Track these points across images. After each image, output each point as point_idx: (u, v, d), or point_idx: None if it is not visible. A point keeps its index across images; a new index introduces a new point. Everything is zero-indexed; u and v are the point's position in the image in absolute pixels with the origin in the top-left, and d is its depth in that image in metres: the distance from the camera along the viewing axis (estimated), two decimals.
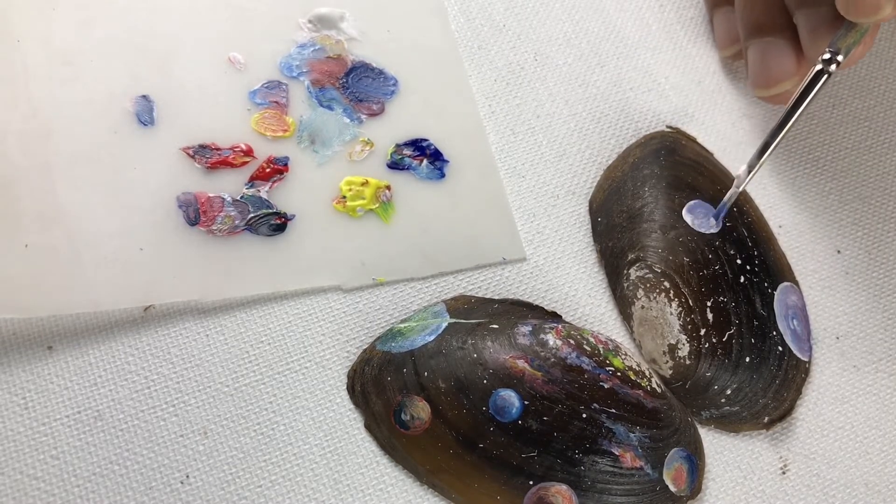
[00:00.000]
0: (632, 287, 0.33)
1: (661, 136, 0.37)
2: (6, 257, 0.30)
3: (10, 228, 0.30)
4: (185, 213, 0.32)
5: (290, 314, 0.32)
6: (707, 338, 0.32)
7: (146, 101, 0.34)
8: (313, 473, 0.30)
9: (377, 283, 0.33)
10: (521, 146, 0.37)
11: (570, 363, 0.30)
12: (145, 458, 0.29)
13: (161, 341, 0.31)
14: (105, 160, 0.32)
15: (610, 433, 0.29)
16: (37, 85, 0.33)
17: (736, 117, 0.39)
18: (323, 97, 0.35)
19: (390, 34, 0.37)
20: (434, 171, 0.35)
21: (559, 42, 0.39)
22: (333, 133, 0.35)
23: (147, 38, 0.35)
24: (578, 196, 0.36)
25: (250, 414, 0.30)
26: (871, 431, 0.33)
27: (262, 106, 0.35)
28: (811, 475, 0.32)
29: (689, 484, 0.30)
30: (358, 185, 0.34)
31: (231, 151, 0.34)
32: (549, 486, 0.29)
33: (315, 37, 0.37)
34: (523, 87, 0.38)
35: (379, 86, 0.36)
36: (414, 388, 0.30)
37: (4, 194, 0.31)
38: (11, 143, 0.32)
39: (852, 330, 0.35)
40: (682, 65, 0.40)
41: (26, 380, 0.30)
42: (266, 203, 0.33)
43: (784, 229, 0.37)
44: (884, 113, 0.40)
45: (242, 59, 0.35)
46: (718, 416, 0.32)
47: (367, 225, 0.34)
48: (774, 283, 0.34)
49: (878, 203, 0.38)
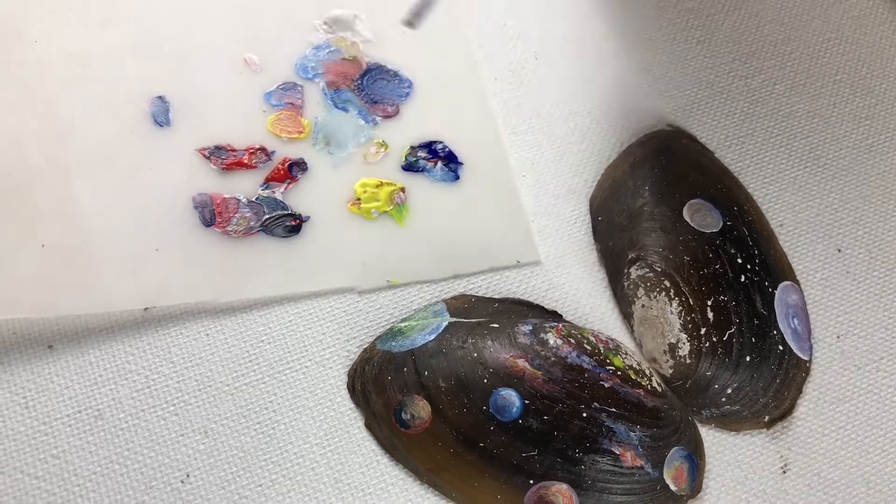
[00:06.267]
0: (632, 286, 0.33)
1: (662, 135, 0.37)
2: (23, 257, 0.30)
3: (26, 228, 0.31)
4: (200, 214, 0.32)
5: (291, 313, 0.32)
6: (707, 337, 0.32)
7: (162, 102, 0.34)
8: (314, 472, 0.30)
9: (391, 285, 0.33)
10: (522, 145, 0.37)
11: (570, 362, 0.30)
12: (146, 458, 0.29)
13: (161, 341, 0.31)
14: (121, 161, 0.33)
15: (610, 432, 0.29)
16: (54, 86, 0.33)
17: (736, 116, 0.39)
18: (338, 99, 0.36)
19: (405, 36, 0.37)
20: (448, 174, 0.35)
21: (559, 41, 0.39)
22: (348, 135, 0.35)
23: (163, 39, 0.35)
24: (579, 195, 0.36)
25: (251, 413, 0.30)
26: (871, 430, 0.33)
27: (278, 107, 0.35)
28: (812, 474, 0.32)
29: (689, 483, 0.30)
30: (372, 186, 0.34)
31: (246, 153, 0.34)
32: (550, 485, 0.29)
33: (330, 38, 0.37)
34: (524, 86, 0.38)
35: (394, 88, 0.36)
36: (414, 388, 0.30)
37: (21, 195, 0.31)
38: (28, 144, 0.32)
39: (853, 329, 0.35)
40: (682, 64, 0.40)
41: (27, 379, 0.30)
42: (281, 204, 0.33)
43: (785, 228, 0.37)
44: (884, 112, 0.40)
45: (258, 60, 0.36)
46: (719, 415, 0.32)
47: (382, 227, 0.34)
48: (775, 282, 0.34)
49: (879, 202, 0.38)
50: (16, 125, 0.32)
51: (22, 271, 0.30)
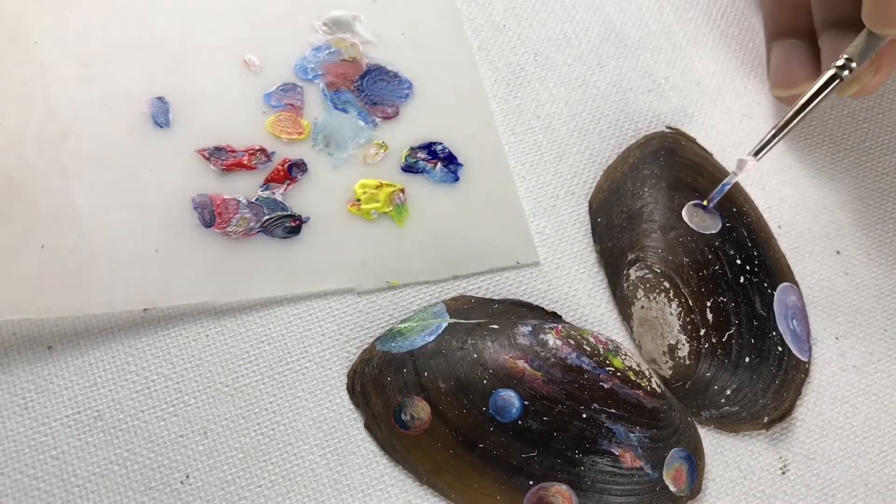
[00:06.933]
0: (632, 287, 0.34)
1: (661, 137, 0.37)
2: (22, 258, 0.30)
3: (26, 229, 0.31)
4: (200, 215, 0.32)
5: (290, 314, 0.32)
6: (707, 338, 0.32)
7: (162, 102, 0.34)
8: (313, 473, 0.30)
9: (391, 286, 0.33)
10: (521, 147, 0.37)
11: (570, 363, 0.30)
12: (145, 459, 0.29)
13: (161, 341, 0.31)
14: (121, 162, 0.33)
15: (610, 433, 0.29)
16: (54, 87, 0.33)
17: (735, 118, 0.39)
18: (338, 100, 0.36)
19: (405, 37, 0.37)
20: (448, 175, 0.35)
21: (559, 42, 0.39)
22: (348, 136, 0.35)
23: (163, 40, 0.35)
24: (578, 196, 0.36)
25: (250, 414, 0.30)
26: (870, 431, 0.33)
27: (277, 108, 0.35)
28: (811, 475, 0.32)
29: (688, 484, 0.30)
30: (372, 188, 0.34)
31: (246, 154, 0.34)
32: (549, 486, 0.29)
33: (330, 39, 0.37)
34: (523, 87, 0.38)
35: (393, 89, 0.36)
36: (414, 389, 0.30)
37: (21, 195, 0.31)
38: (29, 145, 0.32)
39: (852, 330, 0.35)
40: (681, 65, 0.40)
41: (26, 380, 0.30)
42: (281, 205, 0.33)
43: (783, 229, 0.37)
44: (883, 114, 0.40)
45: (258, 61, 0.36)
46: (718, 416, 0.32)
47: (382, 228, 0.34)
48: (774, 284, 0.34)
49: (878, 204, 0.38)
50: (16, 125, 0.32)
51: (21, 272, 0.30)
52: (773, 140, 0.32)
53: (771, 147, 0.32)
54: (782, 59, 0.36)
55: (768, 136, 0.32)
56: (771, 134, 0.32)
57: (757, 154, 0.32)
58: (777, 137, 0.32)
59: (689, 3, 0.41)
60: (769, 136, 0.32)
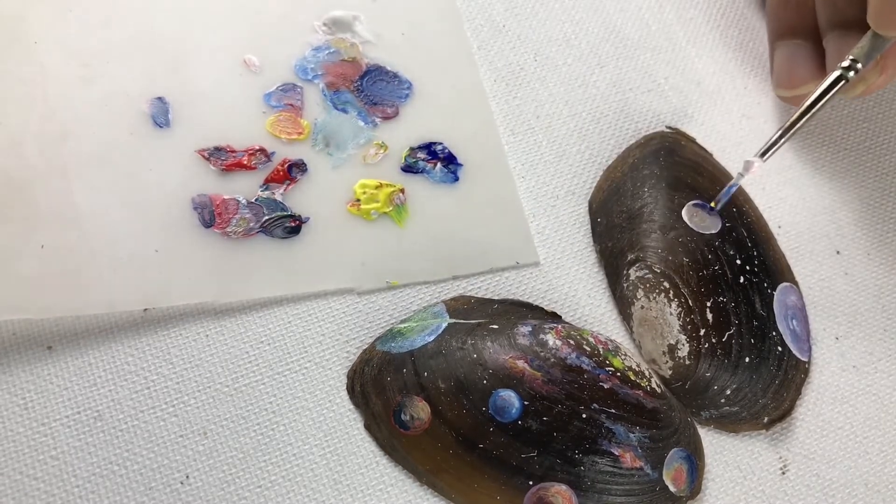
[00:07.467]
0: (631, 287, 0.34)
1: (661, 137, 0.37)
2: (22, 258, 0.30)
3: (26, 229, 0.30)
4: (200, 215, 0.32)
5: (290, 315, 0.32)
6: (707, 338, 0.32)
7: (162, 102, 0.34)
8: (313, 474, 0.30)
9: (391, 286, 0.33)
10: (521, 147, 0.37)
11: (569, 363, 0.30)
12: (145, 459, 0.29)
13: (161, 342, 0.31)
14: (121, 162, 0.33)
15: (610, 433, 0.29)
16: (54, 87, 0.33)
17: (735, 118, 0.39)
18: (338, 100, 0.36)
19: (405, 37, 0.37)
20: (448, 175, 0.35)
21: (559, 42, 0.39)
22: (348, 136, 0.35)
23: (163, 40, 0.35)
24: (578, 196, 0.36)
25: (250, 414, 0.30)
26: (870, 431, 0.33)
27: (277, 108, 0.35)
28: (811, 475, 0.32)
29: (688, 484, 0.30)
30: (372, 188, 0.34)
31: (245, 154, 0.34)
32: (549, 486, 0.29)
33: (330, 40, 0.37)
34: (523, 87, 0.38)
35: (393, 89, 0.36)
36: (414, 389, 0.30)
37: (21, 195, 0.31)
38: (29, 145, 0.32)
39: (851, 330, 0.35)
40: (681, 65, 0.40)
41: (26, 380, 0.30)
42: (281, 205, 0.33)
43: (783, 230, 0.37)
44: (883, 114, 0.40)
45: (257, 61, 0.35)
46: (718, 416, 0.32)
47: (381, 228, 0.34)
48: (774, 284, 0.34)
49: (878, 203, 0.38)
50: (16, 125, 0.32)
51: (21, 272, 0.30)
52: (780, 141, 0.32)
53: (777, 148, 0.32)
54: (786, 60, 0.36)
55: (774, 137, 0.32)
56: (777, 135, 0.32)
57: (763, 155, 0.32)
58: (783, 139, 0.32)
59: (689, 3, 0.41)
60: (775, 138, 0.32)
